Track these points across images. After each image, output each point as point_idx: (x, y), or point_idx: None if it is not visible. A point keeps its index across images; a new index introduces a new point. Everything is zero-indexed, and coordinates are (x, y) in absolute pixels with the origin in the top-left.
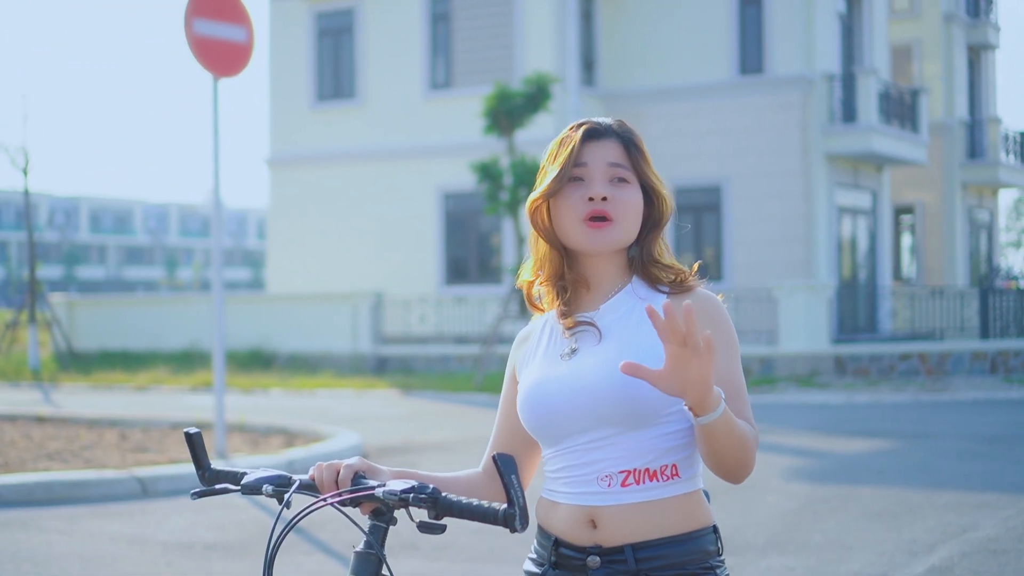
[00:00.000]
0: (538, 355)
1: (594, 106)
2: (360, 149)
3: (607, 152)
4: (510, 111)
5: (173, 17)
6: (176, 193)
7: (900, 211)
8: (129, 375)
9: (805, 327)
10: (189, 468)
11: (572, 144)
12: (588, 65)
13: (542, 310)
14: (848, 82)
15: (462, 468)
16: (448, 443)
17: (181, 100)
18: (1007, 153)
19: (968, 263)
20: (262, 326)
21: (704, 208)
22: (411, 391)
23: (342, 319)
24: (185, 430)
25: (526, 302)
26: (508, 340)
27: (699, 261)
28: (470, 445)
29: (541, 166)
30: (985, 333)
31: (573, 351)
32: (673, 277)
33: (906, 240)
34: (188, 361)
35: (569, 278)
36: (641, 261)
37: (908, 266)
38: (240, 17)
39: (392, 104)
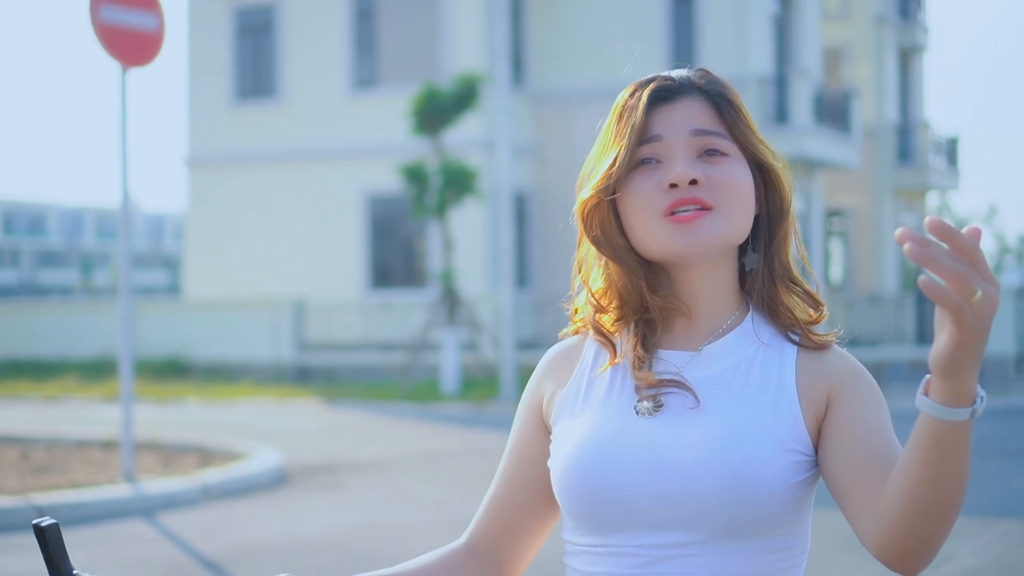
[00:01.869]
0: (594, 396)
1: (524, 106)
2: (281, 149)
3: (689, 115)
4: (438, 111)
5: (79, 4)
6: (92, 195)
7: (830, 214)
8: (38, 384)
9: None
10: (95, 493)
11: (635, 112)
12: (517, 64)
13: (614, 346)
14: (781, 84)
15: (394, 489)
16: (378, 461)
17: (99, 101)
18: (937, 156)
19: (898, 268)
20: (179, 333)
21: None
22: (335, 401)
23: (262, 326)
24: (35, 522)
25: (593, 333)
26: (436, 347)
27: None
28: (402, 463)
29: (598, 151)
30: (921, 340)
31: (658, 406)
32: (809, 317)
33: (835, 244)
34: (101, 370)
35: (656, 305)
36: (766, 276)
37: (838, 271)
38: (150, 3)
39: (315, 103)
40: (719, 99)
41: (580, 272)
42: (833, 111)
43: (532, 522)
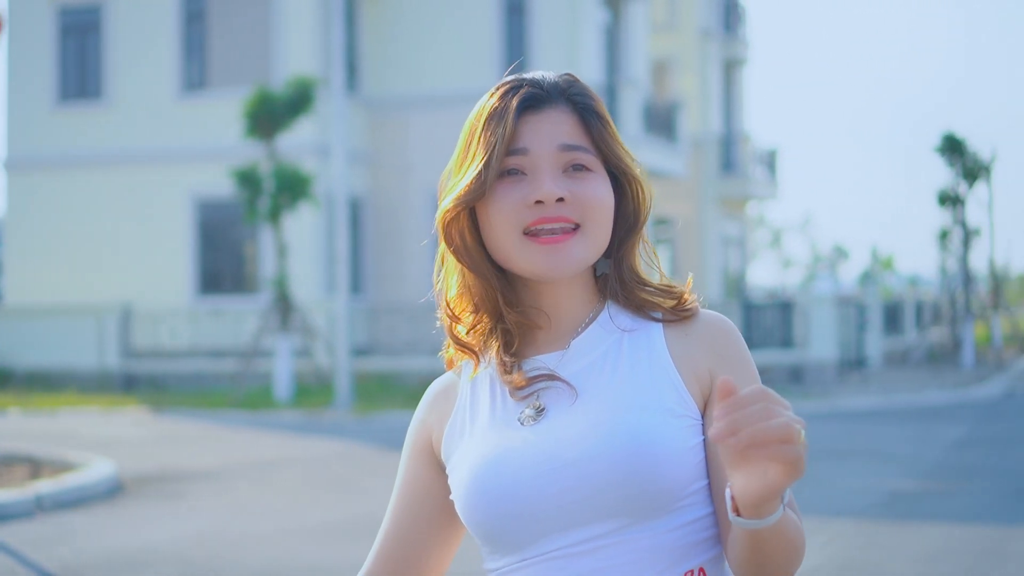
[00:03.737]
0: (479, 420)
1: (358, 111)
2: (107, 152)
3: (557, 128)
4: (271, 115)
5: None
6: None
7: (657, 223)
8: None
9: None
10: None
11: (504, 121)
12: (351, 69)
13: (475, 354)
14: (611, 93)
15: (233, 499)
16: (214, 470)
17: None
18: (757, 167)
19: (722, 275)
20: None
21: None
22: (163, 409)
23: (87, 333)
24: None
25: (452, 345)
26: (269, 354)
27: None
28: (239, 472)
29: (460, 154)
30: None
31: (539, 411)
32: (672, 302)
33: (662, 252)
34: None
35: (512, 319)
36: (618, 280)
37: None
38: None
39: (142, 105)
40: (586, 111)
41: (439, 279)
42: (660, 121)
43: (429, 557)
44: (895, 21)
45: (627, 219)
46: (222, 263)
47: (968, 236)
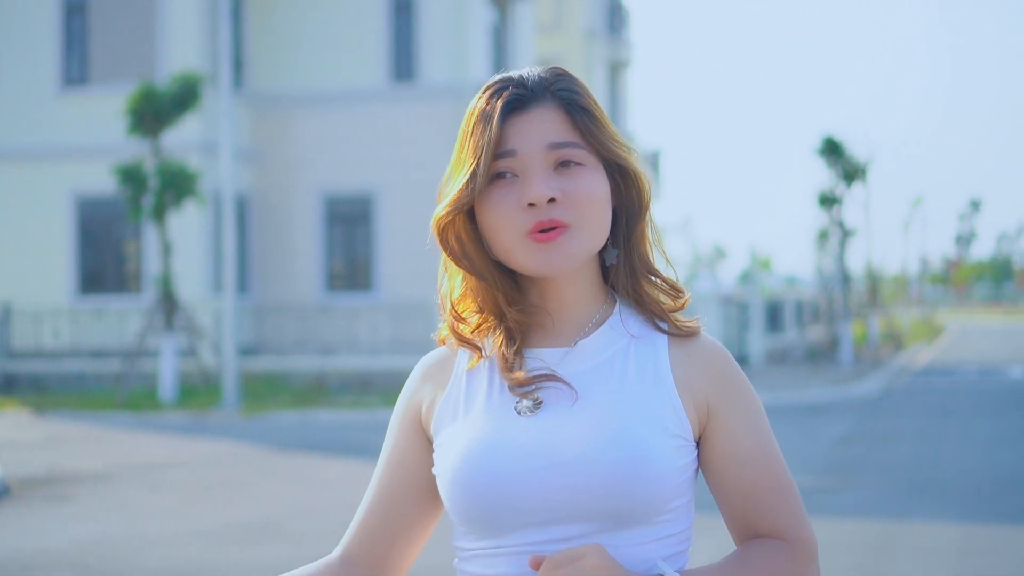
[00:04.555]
0: (475, 403)
1: (243, 109)
2: None
3: (544, 127)
4: (156, 111)
5: None
6: None
7: None
8: None
9: None
10: None
11: (490, 125)
12: (236, 66)
13: (478, 349)
14: None
15: (124, 501)
16: (103, 472)
17: None
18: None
19: None
20: None
21: (355, 218)
22: (46, 411)
23: None
24: None
25: (454, 339)
26: (153, 354)
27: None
28: (127, 474)
29: (455, 159)
30: None
31: (537, 404)
32: (672, 303)
33: None
34: None
35: (514, 318)
36: (627, 270)
37: None
38: None
39: (21, 100)
40: (573, 105)
41: (442, 282)
42: None
43: (413, 530)
44: (775, 26)
45: (631, 206)
46: (105, 262)
47: (845, 236)
